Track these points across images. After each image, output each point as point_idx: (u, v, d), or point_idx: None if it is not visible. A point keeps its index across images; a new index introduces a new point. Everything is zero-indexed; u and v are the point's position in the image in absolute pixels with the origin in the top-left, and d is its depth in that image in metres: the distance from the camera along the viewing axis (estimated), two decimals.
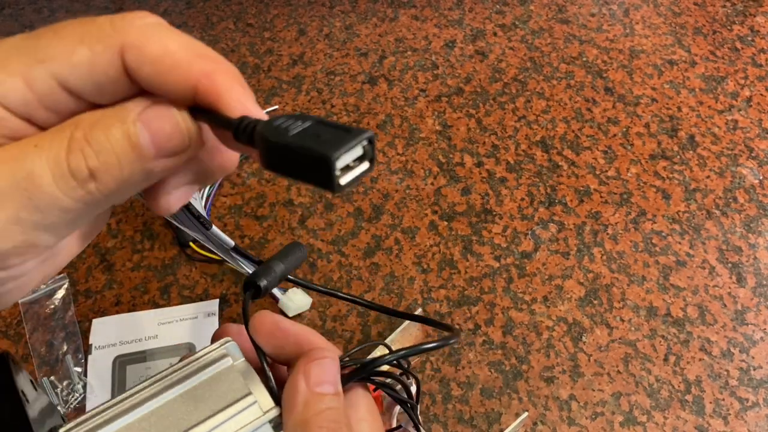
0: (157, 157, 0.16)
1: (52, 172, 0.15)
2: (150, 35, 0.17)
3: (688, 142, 0.70)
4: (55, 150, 0.16)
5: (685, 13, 0.84)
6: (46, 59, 0.16)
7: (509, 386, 0.53)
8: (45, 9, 0.84)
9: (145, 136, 0.16)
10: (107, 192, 0.16)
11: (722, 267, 0.60)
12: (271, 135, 0.15)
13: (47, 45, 0.16)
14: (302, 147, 0.15)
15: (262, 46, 0.79)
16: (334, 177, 0.15)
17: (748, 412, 0.52)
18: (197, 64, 0.17)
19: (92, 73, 0.16)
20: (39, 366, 0.53)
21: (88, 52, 0.16)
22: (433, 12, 0.83)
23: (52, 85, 0.16)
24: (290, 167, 0.15)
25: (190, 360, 0.24)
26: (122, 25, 0.17)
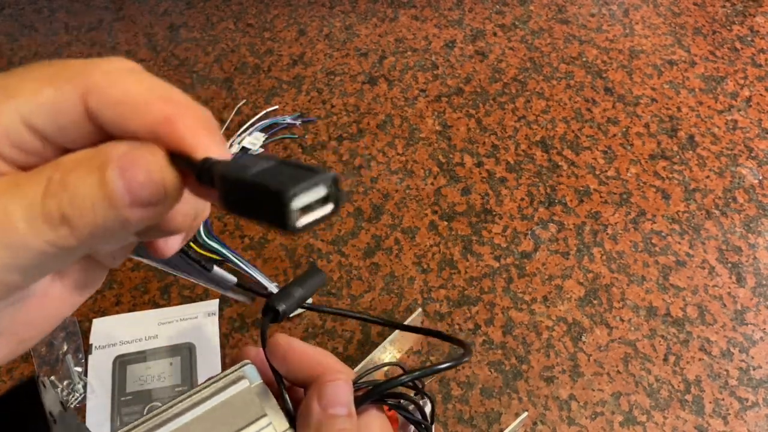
0: (132, 205, 0.16)
1: (25, 213, 0.15)
2: (114, 79, 0.16)
3: (688, 142, 0.70)
4: (32, 192, 0.15)
5: (685, 13, 0.84)
6: (15, 96, 0.16)
7: (509, 386, 0.53)
8: (45, 9, 0.84)
9: (119, 185, 0.15)
10: (80, 238, 0.16)
11: (722, 267, 0.60)
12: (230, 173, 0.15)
13: (18, 83, 0.16)
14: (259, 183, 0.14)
15: (262, 46, 0.79)
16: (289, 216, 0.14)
17: (748, 412, 0.52)
18: (158, 107, 0.16)
19: (55, 114, 0.16)
20: (39, 366, 0.53)
21: (53, 92, 0.16)
22: (433, 12, 0.84)
23: (17, 123, 0.16)
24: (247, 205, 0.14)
25: (210, 382, 0.25)
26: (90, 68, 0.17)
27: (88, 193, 0.15)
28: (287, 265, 0.60)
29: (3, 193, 0.15)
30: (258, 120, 0.70)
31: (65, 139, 0.17)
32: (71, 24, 0.82)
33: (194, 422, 0.23)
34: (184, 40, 0.80)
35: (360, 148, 0.69)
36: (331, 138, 0.70)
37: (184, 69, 0.77)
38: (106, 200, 0.15)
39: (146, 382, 0.52)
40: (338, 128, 0.71)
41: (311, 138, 0.70)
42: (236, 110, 0.72)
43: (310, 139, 0.69)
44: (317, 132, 0.70)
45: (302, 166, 0.15)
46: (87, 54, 0.78)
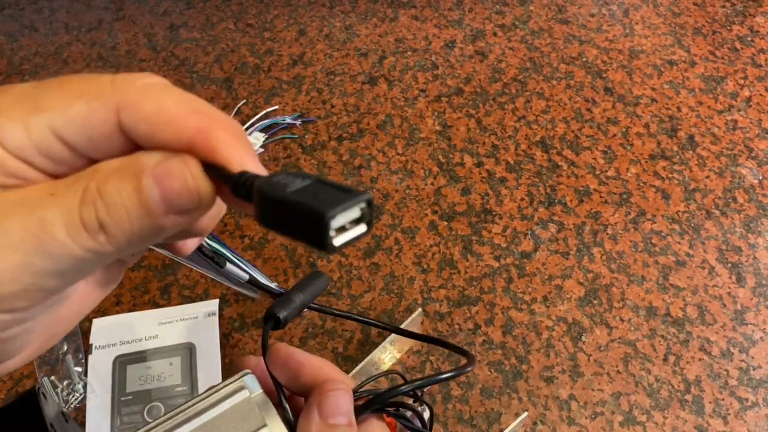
0: (167, 213, 0.16)
1: (64, 221, 0.16)
2: (148, 94, 0.17)
3: (688, 142, 0.70)
4: (69, 200, 0.16)
5: (685, 13, 0.84)
6: (46, 109, 0.16)
7: (509, 386, 0.53)
8: (45, 9, 0.84)
9: (155, 193, 0.16)
10: (117, 244, 0.17)
11: (722, 267, 0.60)
12: (269, 190, 0.15)
13: (49, 96, 0.17)
14: (298, 203, 0.14)
15: (262, 47, 0.79)
16: (327, 236, 0.14)
17: (748, 412, 0.52)
18: (192, 121, 0.17)
19: (86, 128, 0.17)
20: (39, 366, 0.53)
21: (85, 107, 0.17)
22: (433, 12, 0.84)
23: (48, 135, 0.17)
24: (285, 223, 0.15)
25: (211, 392, 0.25)
26: (122, 85, 0.17)
27: (124, 202, 0.16)
28: (287, 265, 0.60)
29: (39, 203, 0.16)
30: (258, 120, 0.70)
31: (95, 151, 0.17)
32: (71, 24, 0.82)
33: None
34: (184, 40, 0.80)
35: (360, 148, 0.69)
36: (331, 138, 0.70)
37: (184, 69, 0.77)
38: (143, 208, 0.16)
39: (146, 382, 0.52)
40: (338, 128, 0.71)
41: (311, 138, 0.70)
42: (236, 110, 0.72)
43: (310, 139, 0.69)
44: (317, 132, 0.70)
45: (338, 186, 0.15)
46: (87, 54, 0.78)
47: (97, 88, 0.17)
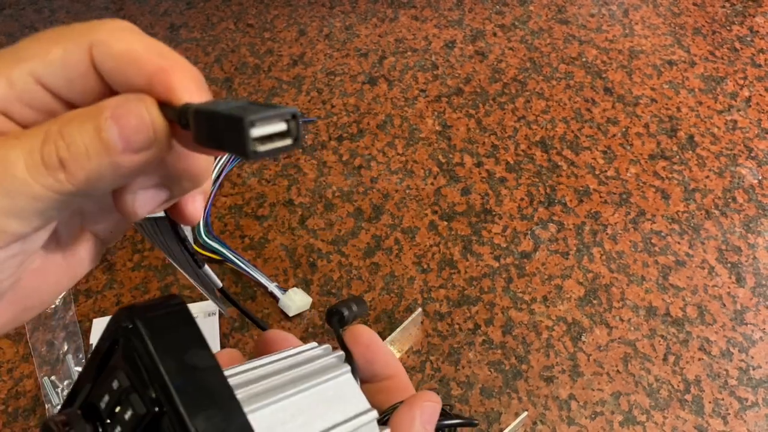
0: (125, 150, 0.17)
1: (25, 160, 0.17)
2: (117, 35, 0.18)
3: (688, 142, 0.70)
4: (31, 141, 0.17)
5: (685, 13, 0.84)
6: (25, 59, 0.18)
7: (509, 386, 0.53)
8: (45, 9, 0.84)
9: (113, 129, 0.17)
10: (76, 182, 0.17)
11: (721, 267, 0.60)
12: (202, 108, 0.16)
13: (26, 48, 0.18)
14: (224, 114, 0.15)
15: (262, 47, 0.79)
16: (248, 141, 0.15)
17: (748, 412, 0.52)
18: (155, 61, 0.18)
19: (64, 69, 0.18)
20: (39, 366, 0.53)
21: (61, 50, 0.18)
22: (432, 12, 0.84)
23: (30, 82, 0.18)
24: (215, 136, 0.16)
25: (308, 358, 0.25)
26: (95, 27, 0.18)
27: (84, 140, 0.17)
28: (287, 265, 0.60)
29: (3, 144, 0.17)
30: None
31: (73, 93, 0.18)
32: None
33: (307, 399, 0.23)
34: (184, 40, 0.80)
35: (360, 148, 0.69)
36: (331, 138, 0.70)
37: None
38: (101, 145, 0.17)
39: None
40: (338, 128, 0.71)
41: (311, 138, 0.70)
42: None
43: (310, 139, 0.69)
44: (317, 132, 0.70)
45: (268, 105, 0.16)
46: None
47: (69, 33, 0.18)
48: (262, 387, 0.23)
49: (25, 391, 0.52)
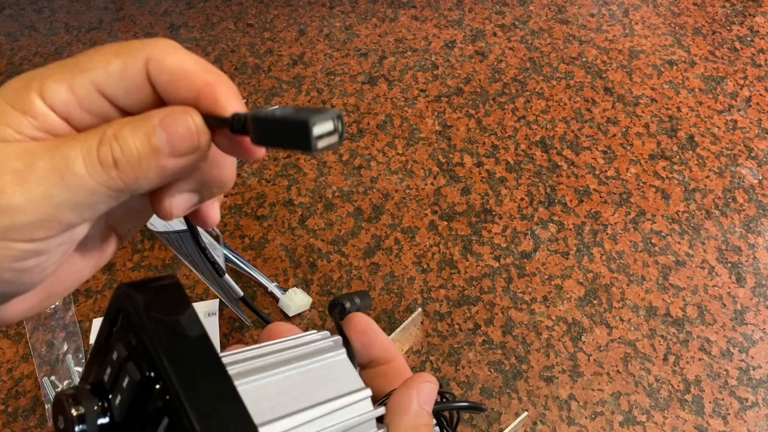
0: (171, 155, 0.20)
1: (83, 158, 0.19)
2: (170, 52, 0.21)
3: (688, 142, 0.70)
4: (89, 142, 0.19)
5: (685, 13, 0.84)
6: (87, 69, 0.20)
7: (509, 386, 0.53)
8: (45, 9, 0.84)
9: (162, 136, 0.19)
10: (126, 180, 0.20)
11: (722, 267, 0.60)
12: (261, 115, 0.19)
13: (88, 59, 0.20)
14: (287, 118, 0.18)
15: (262, 47, 0.79)
16: (312, 139, 0.18)
17: (748, 412, 0.52)
18: (203, 75, 0.21)
19: (123, 79, 0.20)
20: (39, 365, 0.53)
21: (121, 62, 0.20)
22: (432, 12, 0.84)
23: (91, 90, 0.20)
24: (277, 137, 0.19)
25: (304, 342, 0.26)
26: (149, 44, 0.21)
27: (136, 143, 0.19)
28: (287, 265, 0.60)
29: (64, 143, 0.19)
30: None
31: (128, 101, 0.21)
32: (71, 24, 0.82)
33: (299, 377, 0.24)
34: (184, 40, 0.80)
35: (360, 148, 0.69)
36: None
37: None
38: (150, 149, 0.19)
39: None
40: None
41: None
42: None
43: None
44: None
45: (314, 108, 0.19)
46: None
47: (128, 48, 0.21)
48: (253, 365, 0.23)
49: (24, 391, 0.52)
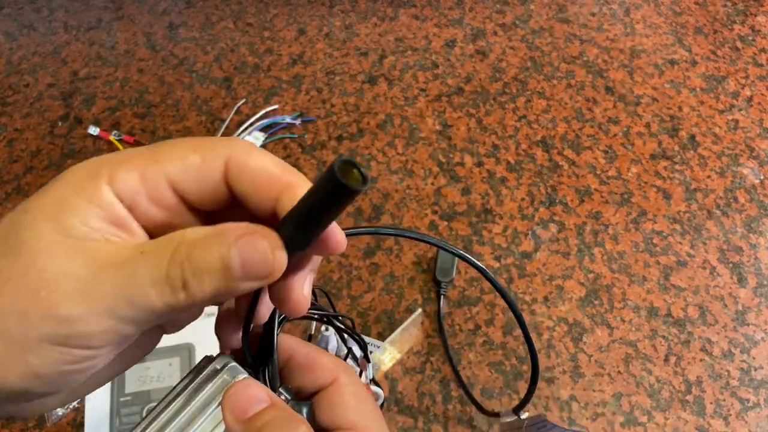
0: (243, 279, 0.19)
1: (151, 276, 0.18)
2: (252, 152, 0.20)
3: (689, 141, 0.70)
4: (159, 259, 0.18)
5: (686, 12, 0.84)
6: (163, 161, 0.20)
7: (509, 386, 0.53)
8: (44, 8, 0.83)
9: (236, 260, 0.19)
10: (194, 301, 0.19)
11: (723, 267, 0.60)
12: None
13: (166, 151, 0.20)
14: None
15: (261, 46, 0.79)
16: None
17: (749, 413, 0.52)
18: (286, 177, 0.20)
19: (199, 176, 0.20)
20: None
21: (199, 158, 0.20)
22: (433, 11, 0.83)
23: (162, 182, 0.20)
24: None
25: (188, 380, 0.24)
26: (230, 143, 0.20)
27: (209, 266, 0.18)
28: None
29: (132, 258, 0.19)
30: (257, 119, 0.70)
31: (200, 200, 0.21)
32: (70, 23, 0.81)
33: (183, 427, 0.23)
34: (183, 39, 0.80)
35: (360, 148, 0.68)
36: (330, 138, 0.69)
37: (183, 68, 0.76)
38: (224, 273, 0.19)
39: (145, 382, 0.52)
40: (338, 128, 0.70)
41: (311, 138, 0.69)
42: (236, 110, 0.72)
43: (310, 139, 0.69)
44: (317, 132, 0.70)
45: None
46: (85, 53, 0.78)
47: (209, 144, 0.20)
48: None
49: None
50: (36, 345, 0.18)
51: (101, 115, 0.71)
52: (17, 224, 0.19)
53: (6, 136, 0.69)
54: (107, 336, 0.19)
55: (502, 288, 0.31)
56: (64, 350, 0.18)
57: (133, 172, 0.19)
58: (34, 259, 0.18)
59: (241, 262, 0.19)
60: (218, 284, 0.19)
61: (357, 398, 0.24)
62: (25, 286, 0.18)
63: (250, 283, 0.19)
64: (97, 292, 0.18)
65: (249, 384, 0.22)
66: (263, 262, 0.19)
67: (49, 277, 0.18)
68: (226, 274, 0.19)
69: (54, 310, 0.18)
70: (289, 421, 0.21)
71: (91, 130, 0.69)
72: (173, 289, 0.18)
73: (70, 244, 0.18)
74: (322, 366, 0.25)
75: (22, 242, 0.18)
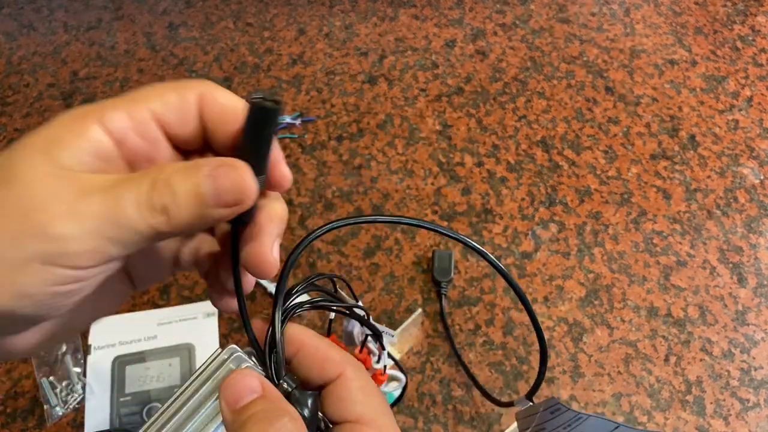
0: (216, 205, 0.21)
1: (135, 200, 0.20)
2: (219, 90, 0.23)
3: (689, 141, 0.70)
4: (142, 186, 0.20)
5: (686, 12, 0.84)
6: (146, 99, 0.22)
7: (510, 387, 0.53)
8: (44, 8, 0.83)
9: (209, 187, 0.21)
10: (172, 225, 0.21)
11: (723, 267, 0.60)
12: None
13: (147, 92, 0.23)
14: None
15: (261, 46, 0.79)
16: None
17: (749, 413, 0.52)
18: None
19: (178, 110, 0.23)
20: (38, 366, 0.53)
21: (177, 95, 0.23)
22: (433, 11, 0.83)
23: (147, 117, 0.22)
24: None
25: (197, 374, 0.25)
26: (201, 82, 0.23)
27: (185, 192, 0.21)
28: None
29: (119, 184, 0.21)
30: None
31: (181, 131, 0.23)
32: (70, 23, 0.81)
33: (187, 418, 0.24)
34: (183, 39, 0.80)
35: (360, 148, 0.68)
36: (330, 138, 0.69)
37: (183, 68, 0.76)
38: (198, 198, 0.21)
39: (145, 382, 0.52)
40: (338, 128, 0.70)
41: (311, 137, 0.69)
42: None
43: (310, 139, 0.69)
44: (317, 131, 0.70)
45: None
46: (85, 53, 0.78)
47: (184, 84, 0.23)
48: None
49: (23, 392, 0.52)
50: (26, 265, 0.19)
51: None
52: (11, 158, 0.20)
53: (6, 136, 0.69)
54: (95, 256, 0.20)
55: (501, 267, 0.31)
56: (53, 269, 0.20)
57: (121, 111, 0.22)
58: (26, 186, 0.20)
59: (214, 189, 0.21)
60: (194, 209, 0.21)
61: (364, 392, 0.25)
62: (17, 210, 0.19)
63: (223, 210, 0.21)
64: (85, 213, 0.20)
65: (246, 374, 0.23)
66: (234, 187, 0.21)
67: (39, 200, 0.19)
68: (200, 200, 0.21)
69: (45, 229, 0.19)
70: (274, 414, 0.22)
71: None
72: (153, 212, 0.20)
73: (61, 174, 0.20)
74: (330, 359, 0.25)
75: (15, 173, 0.20)
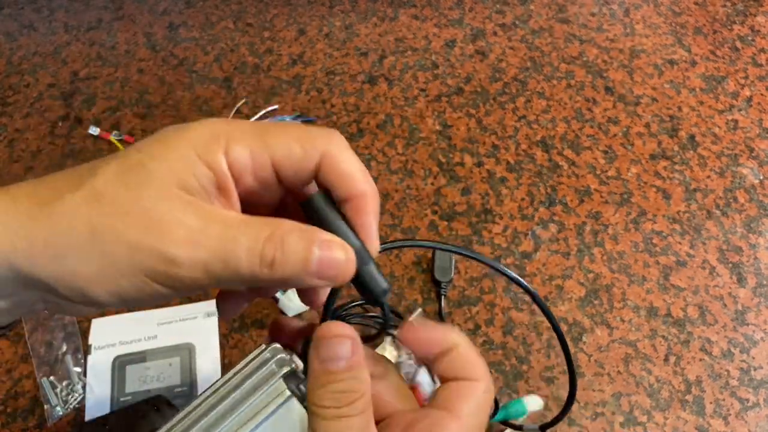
0: (316, 276, 0.23)
1: (249, 247, 0.22)
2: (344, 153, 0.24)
3: (689, 141, 0.70)
4: (259, 234, 0.22)
5: (686, 12, 0.84)
6: (272, 146, 0.24)
7: (509, 386, 0.53)
8: (44, 8, 0.83)
9: (316, 257, 0.22)
10: (272, 278, 0.22)
11: (723, 267, 0.60)
12: None
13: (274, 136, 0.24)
14: None
15: (261, 46, 0.79)
16: None
17: (749, 413, 0.52)
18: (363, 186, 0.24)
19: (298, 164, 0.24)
20: (38, 366, 0.53)
21: (302, 150, 0.24)
22: (433, 11, 0.83)
23: (268, 163, 0.24)
24: None
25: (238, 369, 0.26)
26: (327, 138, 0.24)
27: (295, 254, 0.22)
28: None
29: (237, 226, 0.22)
30: (258, 120, 0.70)
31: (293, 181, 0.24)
32: (70, 23, 0.81)
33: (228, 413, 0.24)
34: (183, 39, 0.80)
35: (360, 148, 0.69)
36: None
37: (183, 68, 0.76)
38: (304, 264, 0.22)
39: (145, 382, 0.52)
40: (338, 128, 0.70)
41: None
42: (236, 110, 0.72)
43: None
44: None
45: None
46: (86, 53, 0.78)
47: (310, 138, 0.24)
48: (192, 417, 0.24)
49: (24, 392, 0.52)
50: (134, 274, 0.21)
51: (101, 115, 0.72)
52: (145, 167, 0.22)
53: (6, 136, 0.69)
54: (194, 284, 0.22)
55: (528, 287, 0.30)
56: (155, 285, 0.22)
57: (246, 149, 0.23)
58: (155, 204, 0.21)
59: (319, 261, 0.22)
60: (296, 271, 0.22)
61: None
62: (141, 221, 0.21)
63: (318, 281, 0.23)
64: (201, 244, 0.21)
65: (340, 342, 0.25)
66: (335, 265, 0.23)
67: (165, 220, 0.21)
68: (304, 266, 0.22)
69: (162, 249, 0.21)
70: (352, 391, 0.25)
71: (92, 130, 0.69)
72: (262, 262, 0.22)
73: (188, 199, 0.22)
74: None
75: (147, 185, 0.21)
